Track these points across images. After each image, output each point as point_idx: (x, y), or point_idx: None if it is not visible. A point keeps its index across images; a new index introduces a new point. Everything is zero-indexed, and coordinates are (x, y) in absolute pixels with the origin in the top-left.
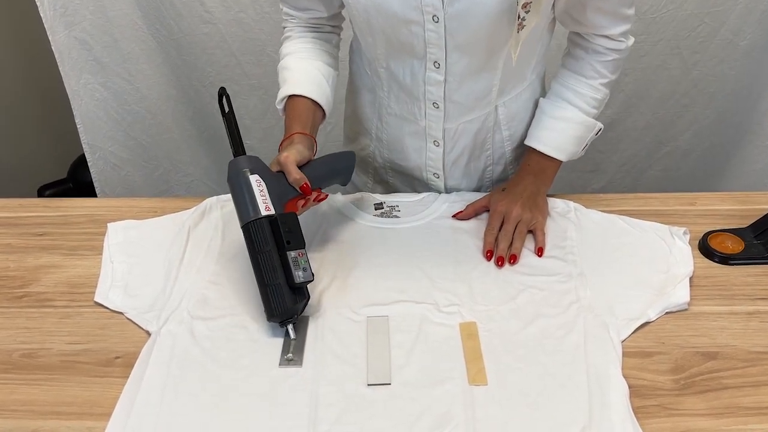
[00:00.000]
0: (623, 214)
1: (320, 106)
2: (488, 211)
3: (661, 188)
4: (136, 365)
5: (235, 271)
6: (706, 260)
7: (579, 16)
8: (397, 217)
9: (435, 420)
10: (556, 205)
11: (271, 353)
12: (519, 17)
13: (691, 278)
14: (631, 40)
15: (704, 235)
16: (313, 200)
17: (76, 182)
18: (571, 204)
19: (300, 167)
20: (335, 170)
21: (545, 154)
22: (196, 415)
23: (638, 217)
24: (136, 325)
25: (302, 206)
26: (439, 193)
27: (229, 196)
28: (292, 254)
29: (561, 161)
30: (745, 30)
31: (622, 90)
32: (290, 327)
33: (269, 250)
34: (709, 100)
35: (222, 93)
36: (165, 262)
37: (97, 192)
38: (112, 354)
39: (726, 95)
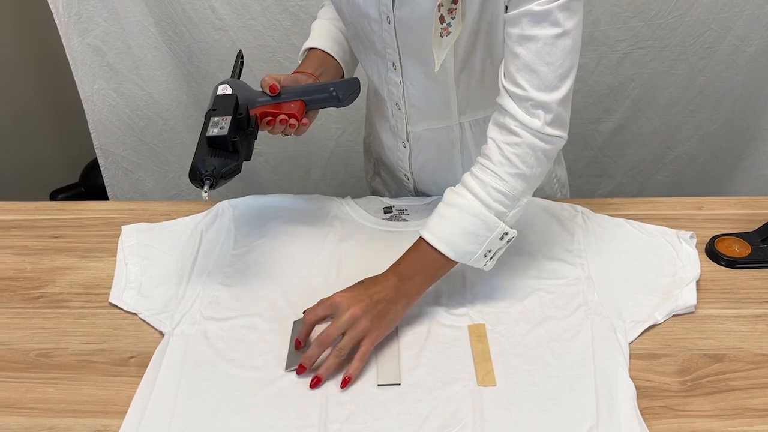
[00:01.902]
0: (631, 219)
1: (334, 58)
2: None
3: (668, 193)
4: (149, 365)
5: (246, 273)
6: (713, 264)
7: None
8: (405, 220)
9: (444, 420)
10: (564, 209)
11: (282, 354)
12: (443, 20)
13: (698, 281)
14: (555, 134)
15: (711, 239)
16: (280, 121)
17: (88, 186)
18: (579, 208)
19: (289, 88)
20: (324, 87)
21: (428, 246)
22: (208, 415)
23: (645, 222)
24: (150, 325)
25: (268, 123)
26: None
27: (242, 199)
28: (215, 118)
29: (445, 259)
30: (751, 36)
31: (629, 95)
32: (207, 186)
33: (207, 114)
34: (716, 106)
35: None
36: (178, 264)
37: (109, 196)
38: (127, 354)
39: (733, 101)
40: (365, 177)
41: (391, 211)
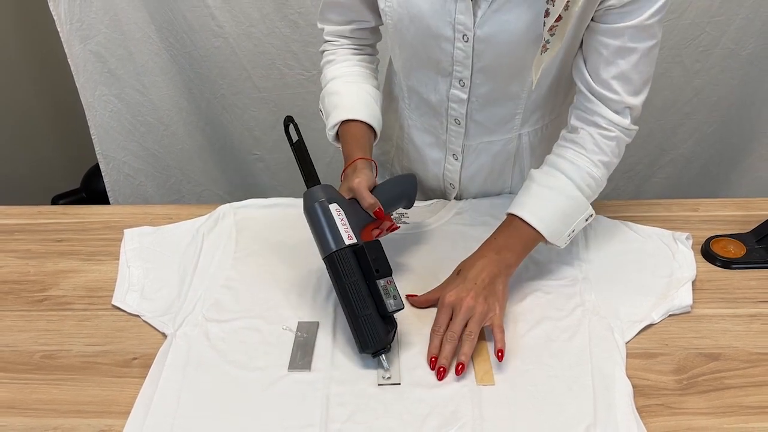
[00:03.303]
0: (628, 220)
1: (373, 129)
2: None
3: (665, 196)
4: (152, 366)
5: (247, 276)
6: (709, 264)
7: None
8: (405, 223)
9: (443, 419)
10: None
11: (284, 355)
12: (543, 39)
13: (694, 282)
14: (634, 128)
15: (707, 240)
16: (387, 229)
17: (90, 192)
18: None
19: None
20: (401, 194)
21: (523, 224)
22: (211, 415)
23: (642, 223)
24: (153, 327)
25: (376, 236)
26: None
27: (243, 203)
28: (381, 282)
29: (538, 238)
30: (746, 40)
31: None
32: (383, 357)
33: (356, 280)
34: (712, 109)
35: (288, 122)
36: (180, 267)
37: (110, 201)
38: (130, 355)
39: (728, 104)
40: None
41: (391, 214)
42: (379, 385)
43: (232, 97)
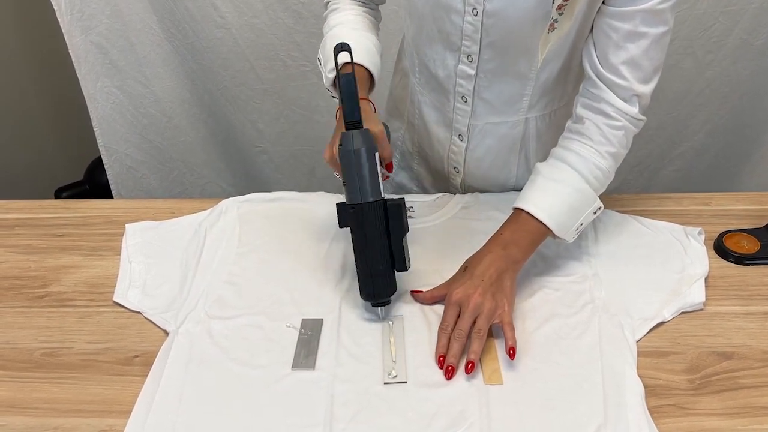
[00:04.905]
0: (638, 215)
1: (372, 77)
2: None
3: (675, 188)
4: (154, 364)
5: (250, 272)
6: (722, 260)
7: (598, 38)
8: (411, 217)
9: (451, 418)
10: None
11: (286, 352)
12: (552, 17)
13: (706, 278)
14: (642, 118)
15: (719, 235)
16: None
17: (93, 184)
18: None
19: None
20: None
21: (530, 218)
22: (214, 413)
23: (653, 218)
24: (155, 324)
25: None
26: (455, 192)
27: (246, 197)
28: (405, 241)
29: (546, 232)
30: (759, 30)
31: None
32: (381, 310)
33: (382, 233)
34: (723, 100)
35: (341, 48)
36: (182, 263)
37: (113, 194)
38: (131, 353)
39: (740, 95)
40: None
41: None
42: (384, 383)
43: (235, 89)
